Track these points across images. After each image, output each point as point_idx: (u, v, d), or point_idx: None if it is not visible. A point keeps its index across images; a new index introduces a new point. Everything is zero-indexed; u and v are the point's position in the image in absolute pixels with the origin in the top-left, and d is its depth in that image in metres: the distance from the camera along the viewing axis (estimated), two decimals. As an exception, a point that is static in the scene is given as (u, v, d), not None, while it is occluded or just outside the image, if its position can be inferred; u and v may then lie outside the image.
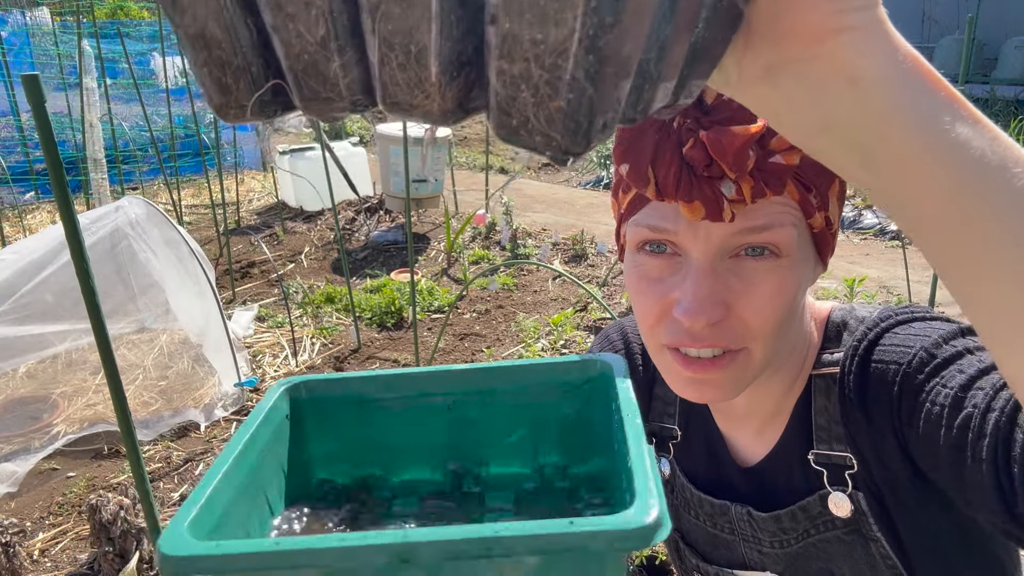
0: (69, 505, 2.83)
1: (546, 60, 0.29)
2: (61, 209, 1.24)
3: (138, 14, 12.98)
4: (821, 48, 0.36)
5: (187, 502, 0.50)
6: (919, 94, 0.37)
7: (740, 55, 0.39)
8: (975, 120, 0.37)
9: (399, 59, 0.31)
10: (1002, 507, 0.62)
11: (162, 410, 3.39)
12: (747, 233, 0.69)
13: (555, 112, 0.30)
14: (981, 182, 0.37)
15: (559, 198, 7.24)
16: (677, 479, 0.96)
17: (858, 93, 0.37)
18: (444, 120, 0.32)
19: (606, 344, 1.06)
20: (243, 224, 6.45)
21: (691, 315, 0.69)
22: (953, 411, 0.67)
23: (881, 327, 0.79)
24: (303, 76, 0.33)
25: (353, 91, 0.33)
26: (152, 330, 3.98)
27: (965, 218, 0.37)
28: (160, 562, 0.44)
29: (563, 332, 3.95)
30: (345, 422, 0.66)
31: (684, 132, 0.65)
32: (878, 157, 0.38)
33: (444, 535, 0.40)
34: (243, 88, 0.34)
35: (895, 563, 0.80)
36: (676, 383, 0.78)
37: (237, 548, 0.44)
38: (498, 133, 0.32)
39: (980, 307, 0.40)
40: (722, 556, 0.94)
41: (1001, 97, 9.07)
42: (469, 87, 0.31)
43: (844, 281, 4.24)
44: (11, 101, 6.84)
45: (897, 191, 0.39)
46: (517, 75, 0.29)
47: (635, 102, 0.33)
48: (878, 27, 0.37)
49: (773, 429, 0.87)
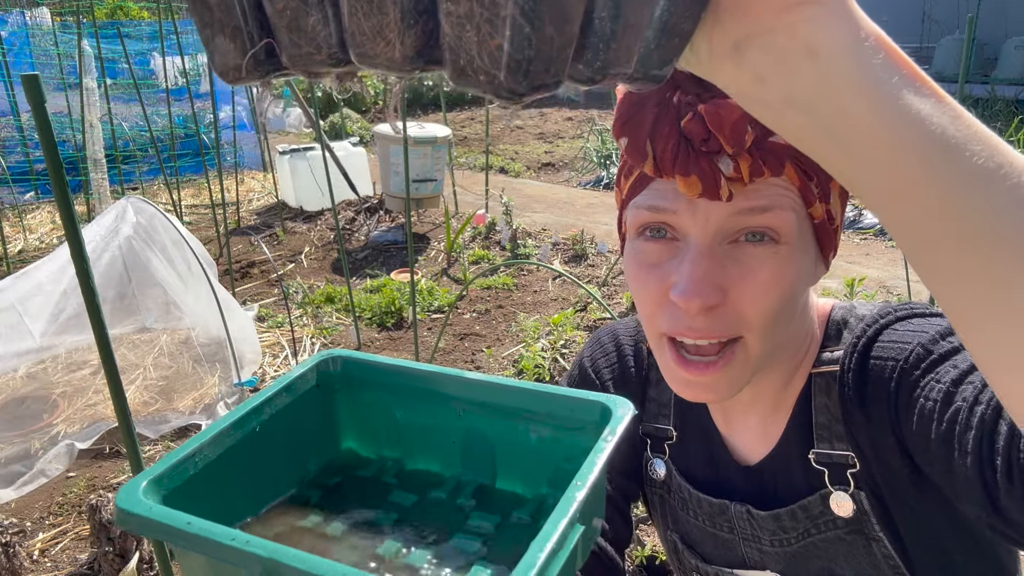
0: (69, 505, 2.83)
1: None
2: (61, 209, 1.24)
3: (138, 14, 12.98)
4: (783, 20, 0.38)
5: (162, 460, 0.52)
6: (880, 70, 0.38)
7: (710, 31, 0.40)
8: (938, 98, 0.38)
9: (363, 8, 0.33)
10: (986, 499, 0.63)
11: (162, 410, 3.39)
12: (746, 214, 0.69)
13: (495, 49, 0.32)
14: (942, 158, 0.37)
15: (559, 198, 7.24)
16: (674, 479, 0.96)
17: (818, 66, 0.38)
18: (406, 67, 0.34)
19: (597, 348, 1.06)
20: (243, 224, 6.45)
21: (687, 296, 0.69)
22: (944, 406, 0.67)
23: (880, 324, 0.79)
24: (286, 32, 0.36)
25: (331, 44, 0.36)
26: (152, 330, 3.98)
27: (926, 193, 0.38)
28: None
29: (563, 332, 3.95)
30: (373, 402, 0.68)
31: (683, 106, 0.65)
32: (840, 132, 0.39)
33: (312, 565, 0.43)
34: (239, 47, 0.37)
35: (897, 563, 0.80)
36: (674, 383, 0.78)
37: (155, 514, 0.48)
38: (450, 77, 0.34)
39: (946, 287, 0.40)
40: (721, 556, 0.94)
41: (1001, 97, 9.06)
42: (427, 35, 0.33)
43: (844, 281, 4.24)
44: (11, 101, 6.85)
45: (862, 169, 0.39)
46: (463, 15, 0.31)
47: (591, 59, 0.34)
48: (840, 3, 0.38)
49: (774, 427, 0.87)
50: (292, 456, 0.66)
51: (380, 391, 0.68)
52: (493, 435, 0.64)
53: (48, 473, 2.98)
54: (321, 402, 0.68)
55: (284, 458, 0.64)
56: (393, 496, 0.64)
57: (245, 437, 0.59)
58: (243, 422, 0.59)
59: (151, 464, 0.61)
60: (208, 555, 0.46)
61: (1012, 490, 0.60)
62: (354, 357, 0.68)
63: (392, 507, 0.63)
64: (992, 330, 0.39)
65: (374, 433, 0.70)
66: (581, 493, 0.48)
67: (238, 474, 0.59)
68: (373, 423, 0.70)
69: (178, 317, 3.77)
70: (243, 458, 0.59)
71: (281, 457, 0.64)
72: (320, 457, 0.69)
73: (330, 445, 0.70)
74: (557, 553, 0.44)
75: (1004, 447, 0.60)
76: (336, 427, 0.70)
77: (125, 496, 0.49)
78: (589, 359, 1.05)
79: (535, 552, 0.43)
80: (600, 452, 0.52)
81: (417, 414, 0.67)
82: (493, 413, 0.63)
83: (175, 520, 0.47)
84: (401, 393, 0.67)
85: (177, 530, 0.46)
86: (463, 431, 0.65)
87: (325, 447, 0.70)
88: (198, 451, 0.55)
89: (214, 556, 0.46)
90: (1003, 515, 0.62)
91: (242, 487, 0.60)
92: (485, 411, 0.64)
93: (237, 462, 0.58)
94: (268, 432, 0.61)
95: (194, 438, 0.56)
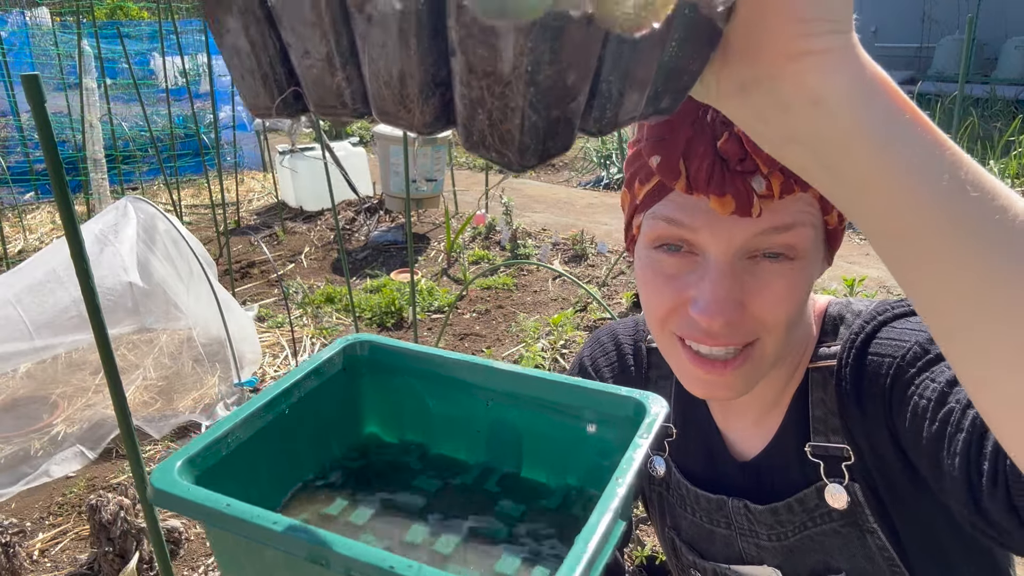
0: (69, 505, 2.83)
1: (496, 89, 0.32)
2: (61, 209, 1.24)
3: (138, 14, 12.98)
4: (788, 68, 0.38)
5: (195, 440, 0.52)
6: (882, 116, 0.39)
7: (719, 69, 0.41)
8: (938, 144, 0.39)
9: (384, 78, 0.35)
10: (970, 499, 0.64)
11: (162, 410, 3.39)
12: (770, 233, 0.69)
13: (505, 134, 0.33)
14: (938, 203, 0.38)
15: (559, 198, 7.24)
16: (673, 476, 0.96)
17: (821, 113, 0.39)
18: (425, 131, 0.36)
19: (597, 348, 1.07)
20: (243, 224, 6.45)
21: (709, 315, 0.70)
22: (937, 406, 0.68)
23: (878, 320, 0.80)
24: (312, 86, 0.38)
25: (355, 101, 0.37)
26: (152, 330, 3.97)
27: (920, 236, 0.39)
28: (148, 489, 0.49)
29: (563, 332, 3.95)
30: (399, 388, 0.68)
31: (718, 126, 0.66)
32: (840, 172, 0.40)
33: (360, 552, 0.43)
34: (268, 92, 0.40)
35: (891, 555, 0.80)
36: (687, 380, 0.78)
37: (193, 495, 0.48)
38: (464, 145, 0.36)
39: (938, 324, 0.41)
40: (719, 552, 0.94)
41: (1001, 97, 9.06)
42: (445, 103, 0.35)
43: (844, 281, 4.24)
44: (11, 101, 6.84)
45: (861, 206, 0.41)
46: (475, 100, 0.33)
47: (599, 117, 0.36)
48: (846, 51, 0.39)
49: (770, 422, 0.88)
50: (317, 439, 0.66)
51: (407, 377, 0.68)
52: (521, 425, 0.64)
53: (52, 474, 2.98)
54: (346, 386, 0.68)
55: (310, 441, 0.64)
56: (417, 481, 0.65)
57: (275, 419, 0.59)
58: (273, 404, 0.59)
59: (151, 465, 0.61)
60: (249, 538, 0.46)
61: (995, 492, 0.61)
62: (381, 342, 0.69)
63: (417, 492, 0.63)
64: (978, 370, 0.40)
65: (398, 418, 0.70)
66: (622, 489, 0.49)
67: (266, 456, 0.59)
68: (398, 408, 0.70)
69: (178, 317, 3.76)
70: (272, 440, 0.59)
71: (307, 440, 0.64)
72: (343, 441, 0.69)
73: (353, 429, 0.70)
74: (603, 548, 0.45)
75: (991, 453, 0.62)
76: (360, 411, 0.70)
77: (160, 476, 0.49)
78: (589, 358, 1.06)
79: (582, 545, 0.43)
80: (638, 448, 0.53)
81: (444, 401, 0.67)
82: (523, 404, 0.63)
83: (215, 501, 0.47)
84: (429, 380, 0.67)
85: (217, 512, 0.47)
86: (490, 420, 0.65)
87: (349, 431, 0.70)
88: (231, 432, 0.55)
89: (256, 539, 0.46)
90: (985, 516, 0.64)
91: (270, 469, 0.60)
92: (514, 402, 0.64)
93: (266, 444, 0.59)
94: (296, 415, 0.62)
95: (226, 418, 0.56)
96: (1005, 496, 0.61)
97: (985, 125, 7.78)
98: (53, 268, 3.35)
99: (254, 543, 0.47)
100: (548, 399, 0.63)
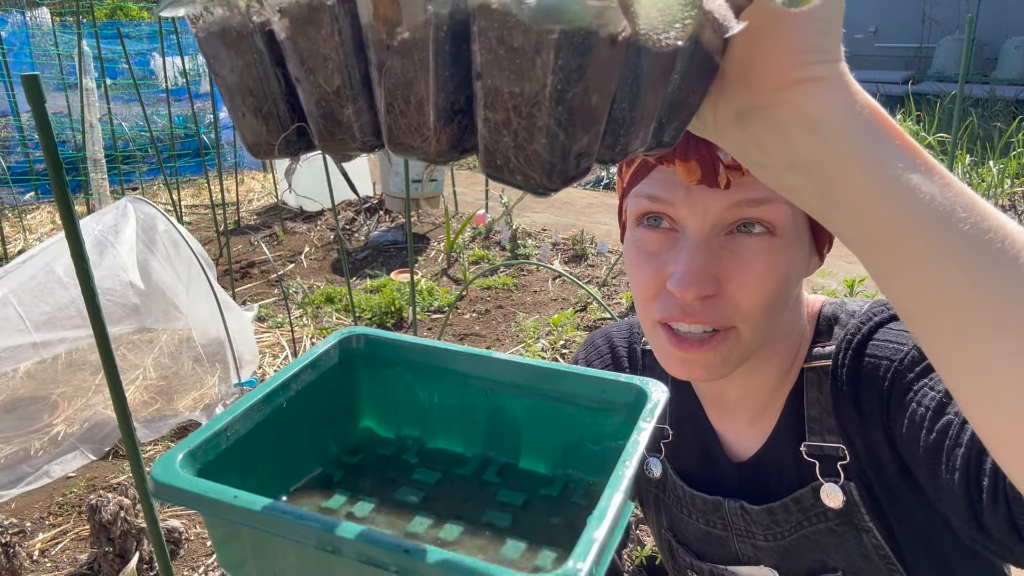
0: (69, 505, 2.83)
1: (523, 110, 0.32)
2: (61, 209, 1.24)
3: (138, 14, 12.97)
4: (783, 96, 0.40)
5: (195, 433, 0.52)
6: (874, 142, 0.40)
7: (715, 101, 0.43)
8: (928, 167, 0.41)
9: (401, 107, 0.35)
10: (970, 516, 0.65)
11: (162, 410, 3.39)
12: (743, 206, 0.70)
13: (532, 155, 0.33)
14: (929, 225, 0.39)
15: (559, 198, 7.23)
16: (669, 478, 0.97)
17: (816, 138, 0.40)
18: (439, 160, 0.36)
19: (592, 351, 1.07)
20: (243, 224, 6.45)
21: (683, 286, 0.71)
22: (936, 416, 0.69)
23: (875, 321, 0.81)
24: (322, 120, 0.37)
25: (365, 133, 0.37)
26: (152, 330, 3.97)
27: (912, 256, 0.40)
28: (149, 483, 0.48)
29: (563, 332, 3.95)
30: (394, 381, 0.68)
31: None
32: (837, 197, 0.41)
33: (372, 538, 0.42)
34: (272, 129, 0.39)
35: (887, 553, 0.81)
36: (666, 361, 0.79)
37: (197, 487, 0.47)
38: (485, 171, 0.35)
39: (930, 344, 0.42)
40: (716, 553, 0.94)
41: (1001, 97, 9.06)
42: (462, 131, 0.35)
43: (844, 281, 4.24)
44: (11, 101, 6.85)
45: (854, 227, 0.42)
46: (500, 122, 0.33)
47: (612, 144, 0.37)
48: (839, 78, 0.41)
49: (765, 422, 0.88)
50: (314, 433, 0.65)
51: (403, 369, 0.67)
52: (521, 415, 0.64)
53: (52, 474, 2.98)
54: (342, 379, 0.67)
55: (307, 435, 0.64)
56: (416, 474, 0.64)
57: (273, 413, 0.59)
58: (272, 397, 0.59)
59: (151, 465, 0.61)
60: (258, 528, 0.45)
61: (996, 510, 0.62)
62: (377, 335, 0.68)
63: (417, 485, 0.63)
64: (969, 387, 0.41)
65: (395, 412, 0.70)
66: (629, 471, 0.49)
67: (264, 450, 0.58)
68: (394, 401, 0.69)
69: (177, 317, 3.76)
70: (270, 434, 0.59)
71: (304, 434, 0.63)
72: (339, 435, 0.69)
73: (349, 423, 0.70)
74: (614, 530, 0.44)
75: (991, 469, 0.63)
76: (355, 405, 0.70)
77: (162, 469, 0.48)
78: (584, 361, 1.07)
79: (594, 527, 0.43)
80: (643, 431, 0.53)
81: (441, 393, 0.67)
82: (523, 393, 0.63)
83: (221, 493, 0.46)
84: (425, 372, 0.67)
85: (224, 503, 0.46)
86: (489, 410, 0.65)
87: (344, 425, 0.69)
88: (230, 425, 0.54)
89: (264, 529, 0.45)
90: (986, 532, 0.64)
91: (268, 463, 0.60)
92: (515, 391, 0.63)
93: (264, 438, 0.58)
94: (293, 408, 0.61)
95: (225, 411, 0.55)
96: (1006, 513, 0.61)
97: (985, 125, 7.78)
98: (48, 264, 3.34)
99: (259, 535, 0.46)
100: (548, 387, 0.62)
